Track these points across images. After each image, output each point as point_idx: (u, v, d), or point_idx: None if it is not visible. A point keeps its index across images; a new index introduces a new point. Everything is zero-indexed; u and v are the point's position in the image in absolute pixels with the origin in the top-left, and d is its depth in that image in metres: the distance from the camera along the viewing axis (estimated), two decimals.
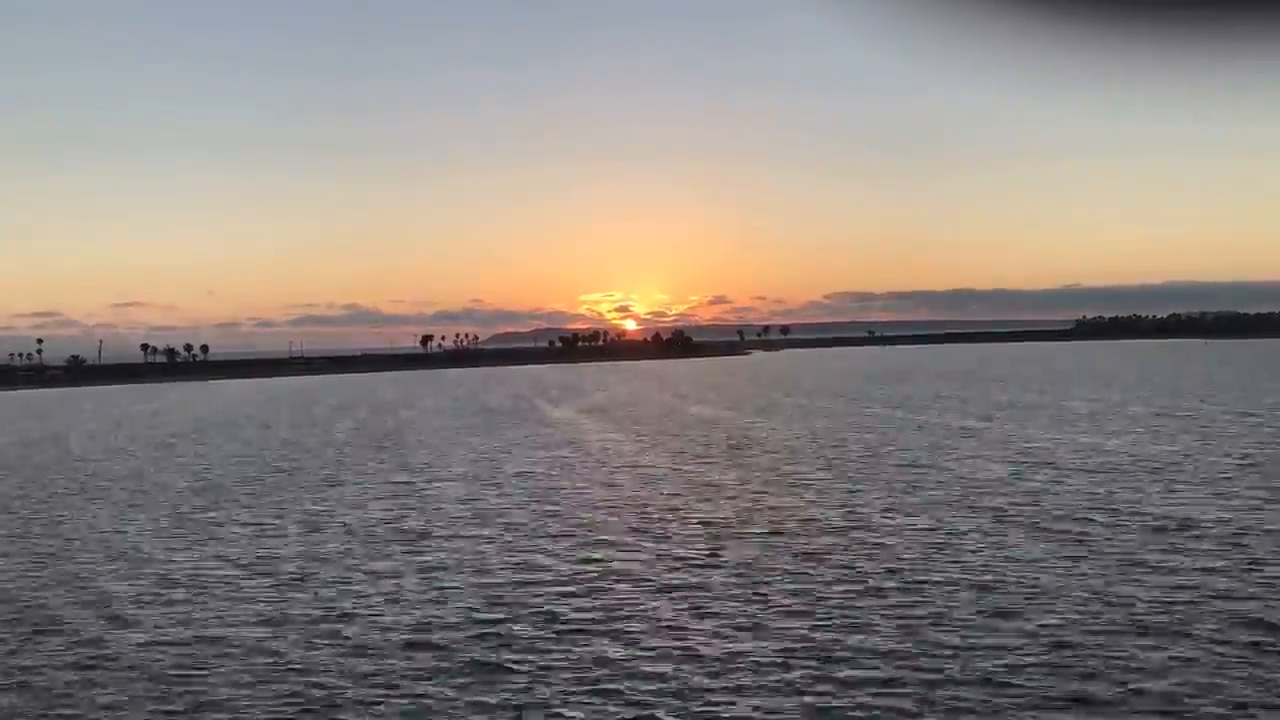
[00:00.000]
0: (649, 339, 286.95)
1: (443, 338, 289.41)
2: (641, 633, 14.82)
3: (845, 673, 12.69)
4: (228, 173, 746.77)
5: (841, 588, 16.80)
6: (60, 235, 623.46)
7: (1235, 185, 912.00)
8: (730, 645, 13.95)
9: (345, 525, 24.88)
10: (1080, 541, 19.63)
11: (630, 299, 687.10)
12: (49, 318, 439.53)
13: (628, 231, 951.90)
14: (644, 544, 21.12)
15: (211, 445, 49.19)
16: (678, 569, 18.64)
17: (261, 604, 17.13)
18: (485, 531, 23.24)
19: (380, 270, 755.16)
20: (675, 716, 11.63)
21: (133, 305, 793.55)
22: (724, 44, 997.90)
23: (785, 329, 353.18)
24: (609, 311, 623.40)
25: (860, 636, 14.12)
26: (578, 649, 14.11)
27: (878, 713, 11.54)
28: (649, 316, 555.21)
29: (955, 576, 17.14)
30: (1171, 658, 12.89)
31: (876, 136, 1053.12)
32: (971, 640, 13.81)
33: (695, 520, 23.62)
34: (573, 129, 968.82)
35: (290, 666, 13.78)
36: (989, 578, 16.97)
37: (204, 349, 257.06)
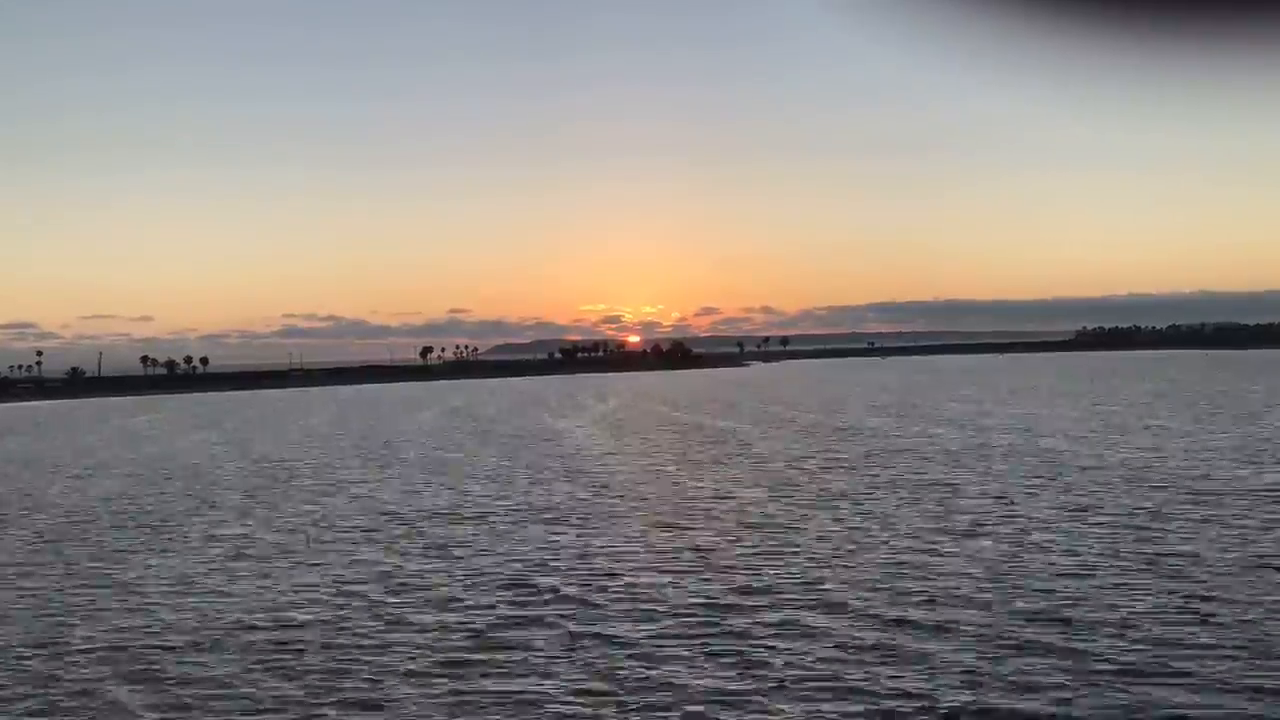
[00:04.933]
0: (648, 350, 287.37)
1: (443, 349, 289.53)
2: None
3: None
4: (199, 184, 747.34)
5: None
6: (29, 246, 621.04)
7: (1236, 196, 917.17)
8: None
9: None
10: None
11: (618, 310, 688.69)
12: (26, 329, 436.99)
13: (614, 243, 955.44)
14: None
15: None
16: None
17: None
18: None
19: (357, 280, 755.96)
20: None
21: (105, 317, 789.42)
22: (718, 59, 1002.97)
23: (785, 340, 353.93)
24: (598, 323, 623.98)
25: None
26: None
27: None
28: (639, 326, 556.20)
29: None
30: None
31: (870, 149, 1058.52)
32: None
33: None
34: (556, 141, 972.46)
35: None
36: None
37: (204, 361, 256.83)
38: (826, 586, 17.93)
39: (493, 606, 17.37)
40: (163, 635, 16.38)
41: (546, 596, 17.98)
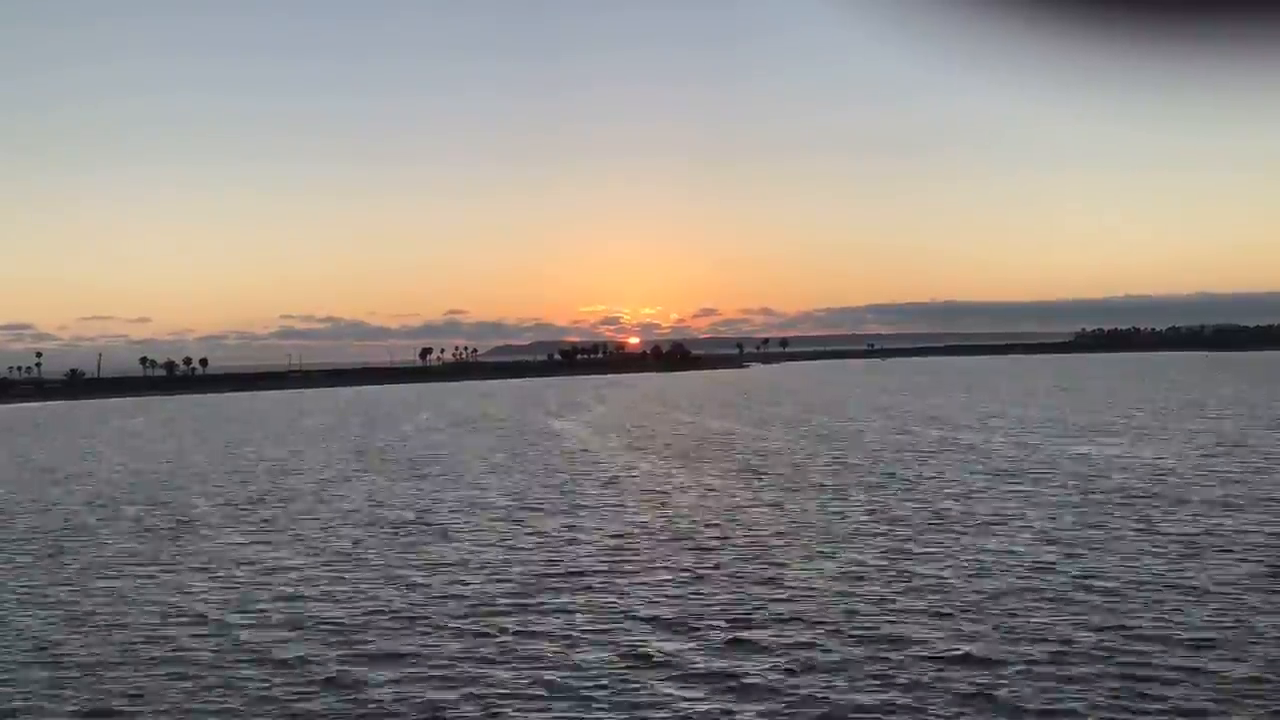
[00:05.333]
0: (648, 352, 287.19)
1: (442, 350, 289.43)
2: None
3: None
4: (196, 184, 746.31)
5: None
6: (26, 247, 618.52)
7: (1236, 197, 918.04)
8: None
9: None
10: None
11: (617, 311, 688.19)
12: (23, 330, 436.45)
13: (613, 244, 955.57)
14: None
15: None
16: None
17: None
18: None
19: (355, 282, 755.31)
20: None
21: (103, 319, 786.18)
22: (717, 61, 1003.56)
23: (784, 342, 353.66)
24: (597, 324, 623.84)
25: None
26: None
27: None
28: (638, 328, 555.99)
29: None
30: None
31: (870, 149, 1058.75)
32: None
33: None
34: (554, 141, 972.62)
35: None
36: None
37: (203, 362, 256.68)
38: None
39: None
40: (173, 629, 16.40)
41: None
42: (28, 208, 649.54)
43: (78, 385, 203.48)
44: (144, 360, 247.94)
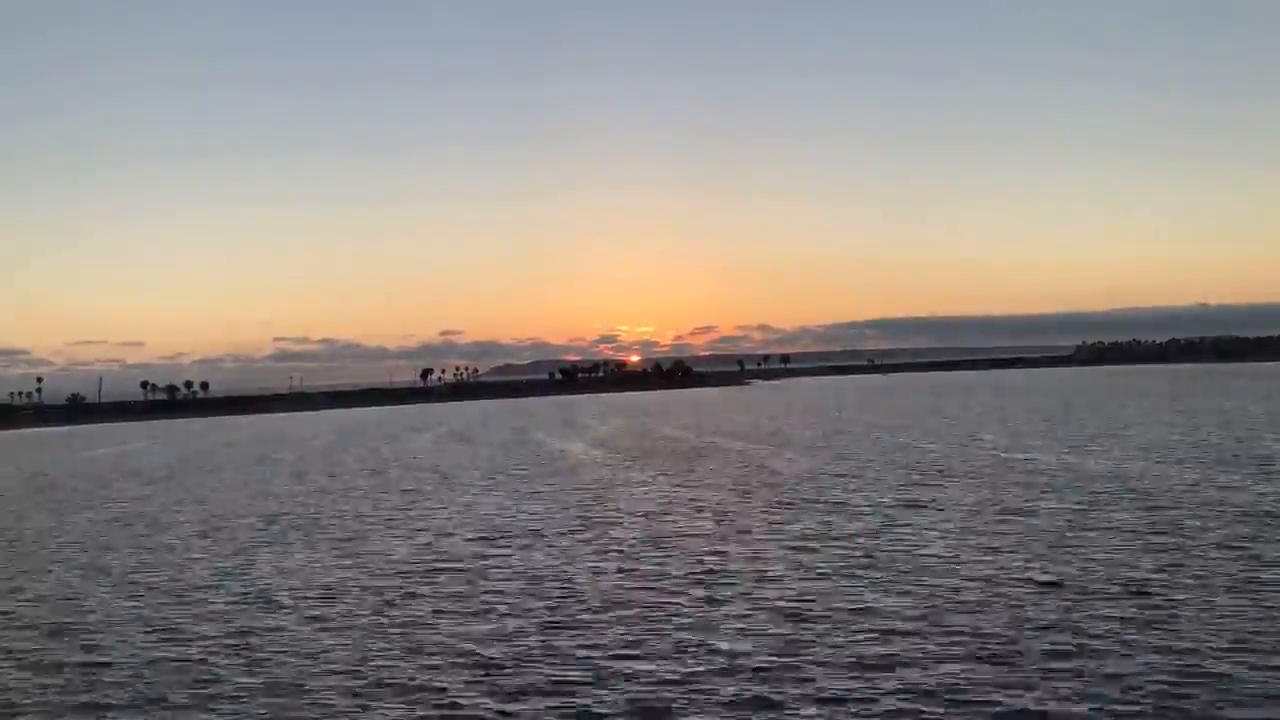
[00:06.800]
0: (649, 370, 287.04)
1: (442, 370, 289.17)
2: None
3: None
4: (185, 206, 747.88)
5: None
6: (18, 271, 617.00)
7: (1235, 207, 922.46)
8: None
9: None
10: None
11: (615, 329, 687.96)
12: (17, 355, 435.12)
13: (609, 262, 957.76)
14: None
15: None
16: None
17: None
18: None
19: (348, 303, 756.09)
20: None
21: (96, 343, 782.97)
22: (713, 75, 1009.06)
23: (785, 358, 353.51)
24: (595, 342, 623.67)
25: None
26: None
27: None
28: (637, 345, 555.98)
29: None
30: None
31: (866, 161, 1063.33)
32: None
33: None
34: (548, 157, 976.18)
35: None
36: None
37: (204, 385, 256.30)
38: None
39: None
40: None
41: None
42: (18, 231, 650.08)
43: (79, 410, 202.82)
44: (144, 384, 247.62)
